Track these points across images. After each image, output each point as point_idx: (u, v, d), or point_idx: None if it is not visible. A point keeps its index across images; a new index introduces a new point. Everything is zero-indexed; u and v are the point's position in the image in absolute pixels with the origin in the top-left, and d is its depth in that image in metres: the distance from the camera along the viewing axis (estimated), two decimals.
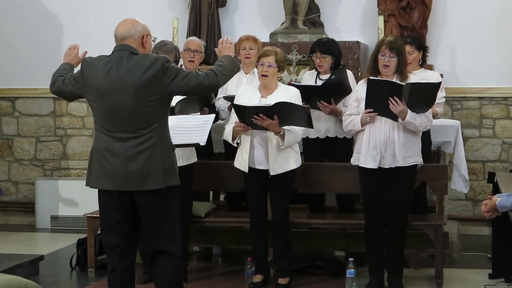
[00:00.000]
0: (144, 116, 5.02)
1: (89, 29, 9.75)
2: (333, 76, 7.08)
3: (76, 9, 9.84)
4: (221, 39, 5.69)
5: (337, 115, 7.07)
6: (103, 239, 5.35)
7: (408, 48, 7.23)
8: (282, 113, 6.25)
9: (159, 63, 5.02)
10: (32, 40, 9.94)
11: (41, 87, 9.89)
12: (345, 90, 6.99)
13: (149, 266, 6.43)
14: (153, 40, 5.33)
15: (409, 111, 6.19)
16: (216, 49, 5.72)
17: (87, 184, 5.23)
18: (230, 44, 5.59)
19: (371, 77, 6.33)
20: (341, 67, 7.13)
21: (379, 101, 6.23)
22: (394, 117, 6.25)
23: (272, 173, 6.45)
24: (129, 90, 4.98)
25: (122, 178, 5.04)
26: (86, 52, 5.68)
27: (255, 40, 7.52)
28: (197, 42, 7.63)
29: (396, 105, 6.17)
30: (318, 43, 7.23)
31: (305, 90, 6.79)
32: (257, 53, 7.03)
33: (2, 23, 9.99)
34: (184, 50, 7.55)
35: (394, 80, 6.34)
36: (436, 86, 6.39)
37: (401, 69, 6.36)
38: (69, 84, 5.31)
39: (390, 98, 6.16)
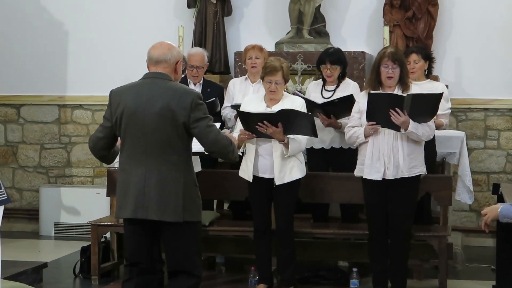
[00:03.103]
0: (168, 141, 4.96)
1: (95, 37, 9.77)
2: (337, 100, 7.01)
3: (82, 17, 9.84)
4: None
5: (336, 128, 7.08)
6: (126, 256, 5.35)
7: (414, 56, 7.24)
8: (286, 120, 6.26)
9: (191, 97, 4.96)
10: (37, 47, 9.95)
11: (46, 94, 9.92)
12: (348, 113, 6.90)
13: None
14: (184, 61, 5.30)
15: (411, 121, 6.18)
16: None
17: (116, 216, 5.25)
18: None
19: (371, 91, 6.32)
20: (350, 95, 6.92)
21: (380, 113, 6.22)
22: (396, 127, 6.24)
23: (277, 182, 6.46)
24: (156, 112, 4.92)
25: (143, 205, 5.00)
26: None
27: (260, 49, 7.54)
28: (199, 57, 7.58)
29: (398, 116, 6.16)
30: (327, 54, 7.21)
31: (307, 102, 6.77)
32: (263, 62, 7.04)
33: (8, 30, 10.00)
34: (187, 65, 7.49)
35: (396, 91, 6.34)
36: (437, 97, 6.37)
37: (403, 79, 6.36)
38: (101, 128, 5.16)
39: (391, 110, 6.15)
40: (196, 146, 5.95)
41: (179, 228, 5.04)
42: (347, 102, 6.86)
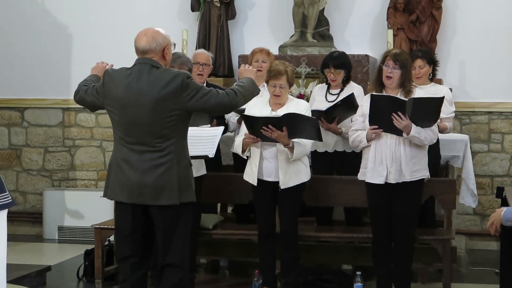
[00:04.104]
0: (162, 130, 5.03)
1: (99, 40, 9.78)
2: (339, 102, 7.03)
3: (86, 21, 9.85)
4: (242, 65, 5.78)
5: (336, 133, 7.09)
6: (116, 250, 5.38)
7: (419, 62, 7.23)
8: (291, 125, 6.27)
9: (180, 79, 5.02)
10: (42, 50, 9.96)
11: (50, 98, 9.93)
12: (350, 113, 6.93)
13: (157, 278, 6.44)
14: (174, 45, 5.34)
15: (413, 126, 6.17)
16: (238, 70, 5.82)
17: (104, 195, 5.26)
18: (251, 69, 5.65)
19: (374, 93, 6.33)
20: (350, 94, 6.98)
21: (383, 117, 6.22)
22: (399, 132, 6.23)
23: (282, 186, 6.46)
24: (148, 104, 5.00)
25: (138, 191, 5.05)
26: (112, 65, 5.62)
27: (268, 53, 7.54)
28: (205, 55, 7.61)
29: (400, 120, 6.15)
30: (331, 58, 7.22)
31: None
32: (268, 67, 7.04)
33: (12, 33, 10.01)
34: (192, 63, 7.52)
35: (398, 95, 6.33)
36: (439, 101, 6.35)
37: (405, 84, 6.33)
38: (91, 94, 5.30)
39: (393, 113, 6.15)
40: (199, 149, 5.96)
41: (175, 211, 5.07)
42: (349, 103, 6.88)
